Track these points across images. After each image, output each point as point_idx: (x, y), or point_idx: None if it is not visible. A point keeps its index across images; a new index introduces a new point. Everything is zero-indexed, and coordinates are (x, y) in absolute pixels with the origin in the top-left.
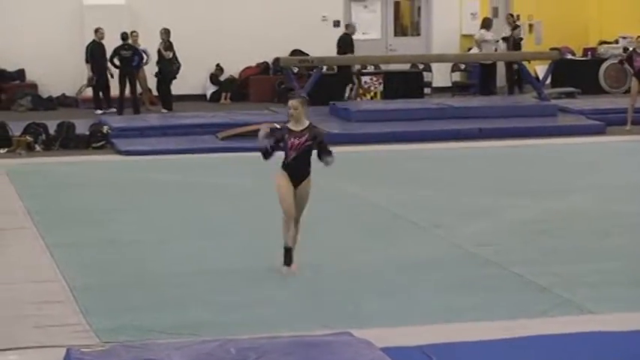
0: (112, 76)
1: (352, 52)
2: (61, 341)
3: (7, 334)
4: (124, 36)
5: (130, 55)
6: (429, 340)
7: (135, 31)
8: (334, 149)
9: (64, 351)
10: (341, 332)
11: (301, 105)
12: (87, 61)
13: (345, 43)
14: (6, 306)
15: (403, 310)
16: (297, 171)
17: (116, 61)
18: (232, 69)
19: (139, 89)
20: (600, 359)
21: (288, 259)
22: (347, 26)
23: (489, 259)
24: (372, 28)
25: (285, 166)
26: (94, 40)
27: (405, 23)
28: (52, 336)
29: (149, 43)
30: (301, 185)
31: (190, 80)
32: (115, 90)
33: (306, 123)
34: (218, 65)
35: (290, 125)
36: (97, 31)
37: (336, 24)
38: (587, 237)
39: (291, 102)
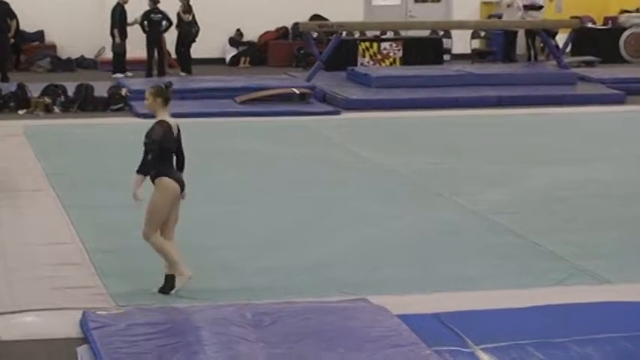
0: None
1: None
2: (78, 304)
3: (24, 296)
4: (157, 0)
5: (159, 20)
6: (445, 308)
7: None
8: (353, 115)
9: (81, 313)
10: (357, 299)
11: (152, 96)
12: (115, 26)
13: None
14: (23, 268)
15: (420, 277)
16: None
17: (145, 25)
18: (251, 33)
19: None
20: (616, 328)
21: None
22: None
23: (507, 227)
24: None
25: None
26: (119, 4)
27: None
28: (68, 298)
29: (168, 7)
30: None
31: (209, 44)
32: (130, 54)
33: (158, 119)
34: (238, 30)
35: None
36: None
37: None
38: (606, 206)
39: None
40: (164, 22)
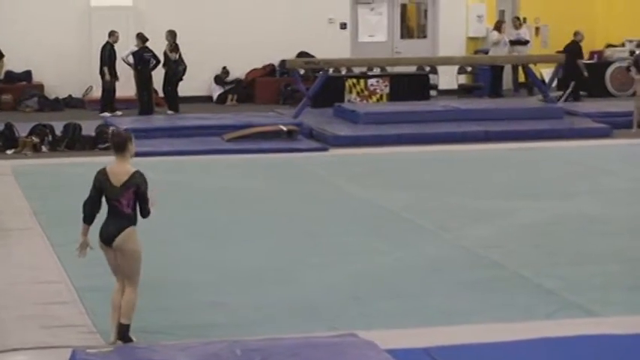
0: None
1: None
2: (67, 342)
3: (13, 335)
4: (145, 39)
5: (149, 58)
6: (435, 342)
7: (140, 33)
8: (341, 151)
9: (70, 352)
10: (346, 334)
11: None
12: (104, 64)
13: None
14: (12, 306)
15: (409, 311)
16: None
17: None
18: (238, 71)
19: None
20: None
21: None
22: (575, 34)
23: (496, 261)
24: (378, 31)
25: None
26: (108, 43)
27: (412, 25)
28: (57, 337)
29: (155, 45)
30: None
31: (196, 82)
32: (118, 93)
33: None
34: (224, 68)
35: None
36: (113, 34)
37: (343, 26)
38: (594, 240)
39: None
40: (153, 60)
